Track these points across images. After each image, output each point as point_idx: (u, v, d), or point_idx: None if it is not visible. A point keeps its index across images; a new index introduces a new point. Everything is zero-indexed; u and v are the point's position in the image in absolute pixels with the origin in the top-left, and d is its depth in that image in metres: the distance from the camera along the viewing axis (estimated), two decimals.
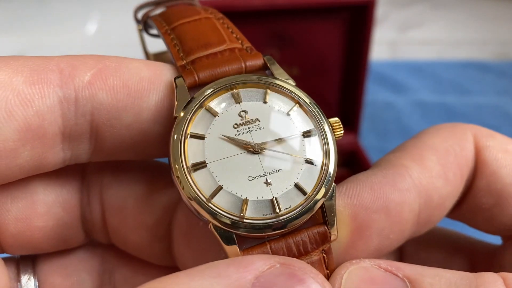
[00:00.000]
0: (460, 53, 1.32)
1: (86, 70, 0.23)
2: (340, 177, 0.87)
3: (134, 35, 0.36)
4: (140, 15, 0.33)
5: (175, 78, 0.24)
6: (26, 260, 0.30)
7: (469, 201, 0.26)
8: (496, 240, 0.29)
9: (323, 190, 0.23)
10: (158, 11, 0.31)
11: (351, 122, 0.86)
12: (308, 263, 0.22)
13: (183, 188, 0.22)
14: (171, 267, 0.30)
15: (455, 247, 0.30)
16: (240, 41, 0.26)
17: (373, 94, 1.07)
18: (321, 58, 0.80)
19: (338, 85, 0.84)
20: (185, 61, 0.25)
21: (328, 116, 0.26)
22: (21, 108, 0.21)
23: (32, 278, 0.29)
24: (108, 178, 0.28)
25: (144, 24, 0.33)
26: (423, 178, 0.24)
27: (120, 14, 0.98)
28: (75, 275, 0.30)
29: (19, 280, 0.29)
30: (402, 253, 0.30)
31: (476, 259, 0.29)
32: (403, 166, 0.25)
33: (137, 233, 0.28)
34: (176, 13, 0.29)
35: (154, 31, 0.33)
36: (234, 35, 0.26)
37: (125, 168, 0.29)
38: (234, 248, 0.22)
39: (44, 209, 0.27)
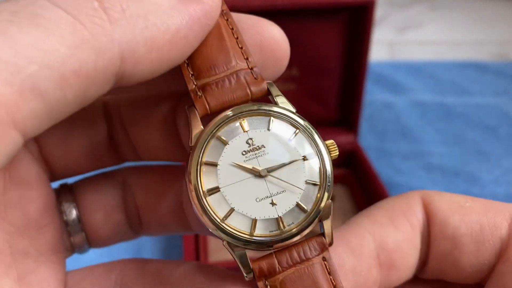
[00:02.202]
0: (459, 53, 1.32)
1: None
2: (340, 177, 0.87)
3: None
4: None
5: (187, 107, 0.27)
6: (65, 190, 0.33)
7: (432, 251, 0.29)
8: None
9: (320, 208, 0.27)
10: None
11: (350, 122, 0.86)
12: (310, 269, 0.26)
13: (200, 210, 0.26)
14: None
15: (443, 282, 0.31)
16: (246, 58, 0.28)
17: (372, 94, 1.07)
18: (320, 59, 0.80)
19: (337, 85, 0.84)
20: (195, 85, 0.27)
21: (328, 116, 0.27)
22: None
23: (71, 205, 0.32)
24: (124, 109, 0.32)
25: None
26: (373, 226, 0.28)
27: None
28: (106, 201, 0.33)
29: (61, 207, 0.32)
30: None
31: None
32: (355, 222, 0.29)
33: (152, 134, 0.32)
34: None
35: None
36: (240, 47, 0.28)
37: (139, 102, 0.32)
38: (246, 260, 0.26)
39: (79, 131, 0.32)
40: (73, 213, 0.33)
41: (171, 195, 0.33)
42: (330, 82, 0.83)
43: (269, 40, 0.28)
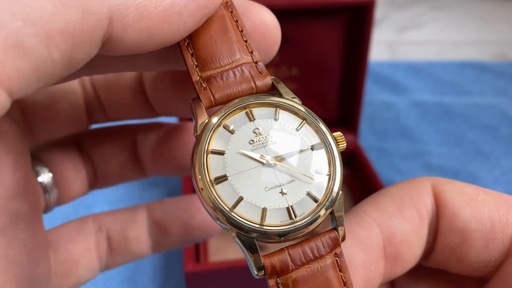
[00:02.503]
0: (459, 53, 1.32)
1: None
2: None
3: None
4: None
5: (192, 100, 0.27)
6: (36, 156, 0.35)
7: (439, 243, 0.28)
8: None
9: (332, 198, 0.26)
10: None
11: (350, 122, 0.86)
12: (323, 266, 0.25)
13: (207, 200, 0.25)
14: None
15: (446, 278, 0.31)
16: (250, 51, 0.28)
17: (372, 94, 1.07)
18: (320, 59, 0.81)
19: (337, 85, 0.84)
20: (200, 77, 0.27)
21: (328, 115, 0.27)
22: None
23: (45, 168, 0.35)
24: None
25: None
26: (380, 216, 0.27)
27: None
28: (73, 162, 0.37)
29: (36, 170, 0.34)
30: (394, 286, 0.32)
31: None
32: (362, 211, 0.28)
33: (122, 94, 0.35)
34: None
35: None
36: (245, 40, 0.28)
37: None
38: (256, 254, 0.24)
39: (59, 96, 0.34)
40: (48, 175, 0.35)
41: (123, 150, 0.37)
42: (330, 82, 0.83)
43: (260, 25, 0.28)
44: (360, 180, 0.81)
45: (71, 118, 0.35)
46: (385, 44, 1.36)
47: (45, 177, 0.34)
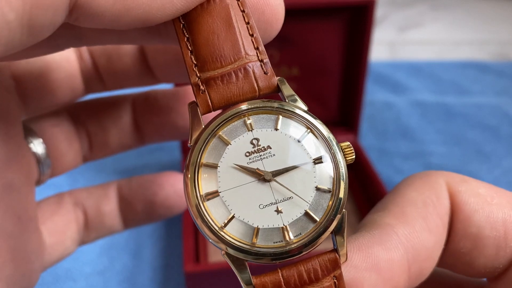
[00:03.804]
0: (460, 53, 1.32)
1: None
2: None
3: None
4: None
5: (189, 104, 0.25)
6: (29, 127, 0.35)
7: (449, 247, 0.27)
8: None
9: (333, 217, 0.24)
10: None
11: (350, 122, 0.86)
12: None
13: (196, 216, 0.23)
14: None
15: (443, 285, 0.30)
16: (256, 47, 0.26)
17: (373, 94, 1.07)
18: (320, 58, 0.80)
19: (337, 85, 0.84)
20: (198, 78, 0.25)
21: (328, 116, 0.26)
22: None
23: (38, 139, 0.34)
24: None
25: None
26: (408, 234, 0.25)
27: None
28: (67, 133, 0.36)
29: (28, 141, 0.34)
30: None
31: None
32: (388, 225, 0.25)
33: (122, 61, 0.34)
34: None
35: None
36: (251, 34, 0.26)
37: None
38: (246, 275, 0.23)
39: (54, 65, 0.33)
40: (42, 146, 0.34)
41: (122, 118, 0.37)
42: (330, 82, 0.83)
43: (260, 1, 0.26)
44: (361, 180, 0.80)
45: (67, 88, 0.34)
46: (386, 44, 1.36)
47: (38, 147, 0.34)
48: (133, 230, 0.73)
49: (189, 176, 0.24)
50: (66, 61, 0.34)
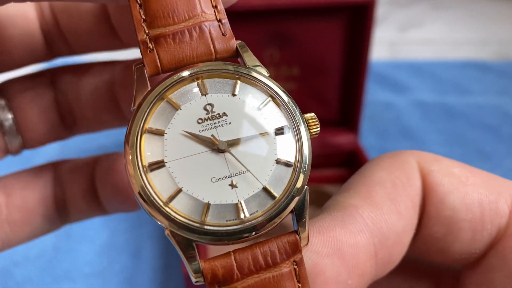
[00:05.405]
0: (460, 53, 1.32)
1: None
2: (341, 177, 0.87)
3: None
4: None
5: (135, 65, 0.22)
6: None
7: (421, 232, 0.25)
8: None
9: (292, 194, 0.21)
10: None
11: (351, 122, 0.86)
12: (277, 275, 0.20)
13: (137, 189, 0.20)
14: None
15: (420, 273, 0.28)
16: (214, 5, 0.23)
17: (373, 94, 1.07)
18: (321, 58, 0.80)
19: (338, 85, 0.84)
20: (147, 35, 0.22)
21: (329, 115, 0.25)
22: None
23: (5, 107, 0.31)
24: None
25: None
26: (374, 216, 0.23)
27: None
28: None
29: None
30: None
31: (441, 283, 0.28)
32: (352, 206, 0.23)
33: (84, 20, 0.31)
34: None
35: None
36: None
37: None
38: (194, 258, 0.20)
39: (7, 20, 0.29)
40: (8, 114, 0.31)
41: (103, 87, 0.32)
42: (330, 81, 0.83)
43: None
44: None
45: (26, 48, 0.31)
46: (386, 43, 1.36)
47: (3, 116, 0.31)
48: (133, 231, 0.73)
49: (129, 142, 0.21)
50: (22, 17, 0.31)
